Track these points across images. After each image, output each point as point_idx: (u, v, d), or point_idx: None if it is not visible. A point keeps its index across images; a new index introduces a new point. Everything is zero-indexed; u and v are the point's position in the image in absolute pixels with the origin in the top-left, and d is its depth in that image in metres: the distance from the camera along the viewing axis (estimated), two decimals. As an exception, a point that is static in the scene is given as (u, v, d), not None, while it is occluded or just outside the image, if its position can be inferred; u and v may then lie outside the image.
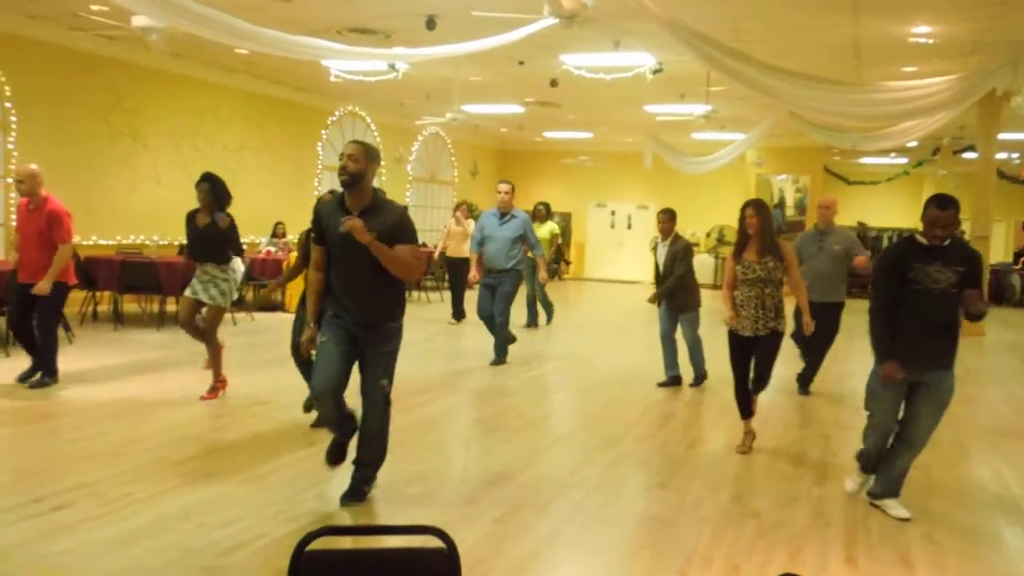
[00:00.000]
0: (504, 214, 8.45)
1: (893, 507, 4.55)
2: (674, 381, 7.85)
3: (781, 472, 5.30)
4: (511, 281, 8.39)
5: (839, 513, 4.55)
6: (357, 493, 4.37)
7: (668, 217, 7.59)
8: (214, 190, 6.30)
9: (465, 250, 11.48)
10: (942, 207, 4.24)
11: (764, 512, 4.50)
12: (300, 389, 7.14)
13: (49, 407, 6.14)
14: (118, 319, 10.17)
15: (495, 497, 4.55)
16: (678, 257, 7.45)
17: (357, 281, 4.11)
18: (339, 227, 3.99)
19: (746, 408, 5.74)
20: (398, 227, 4.07)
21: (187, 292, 6.43)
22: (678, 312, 7.60)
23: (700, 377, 7.85)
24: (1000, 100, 10.59)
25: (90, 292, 10.26)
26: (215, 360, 6.54)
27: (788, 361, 9.94)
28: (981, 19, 8.55)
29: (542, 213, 12.34)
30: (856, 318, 7.88)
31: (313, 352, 4.31)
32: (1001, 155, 16.90)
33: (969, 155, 16.78)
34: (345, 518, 4.21)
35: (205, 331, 6.41)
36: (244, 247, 6.82)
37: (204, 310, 6.45)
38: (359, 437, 4.37)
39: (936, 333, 4.33)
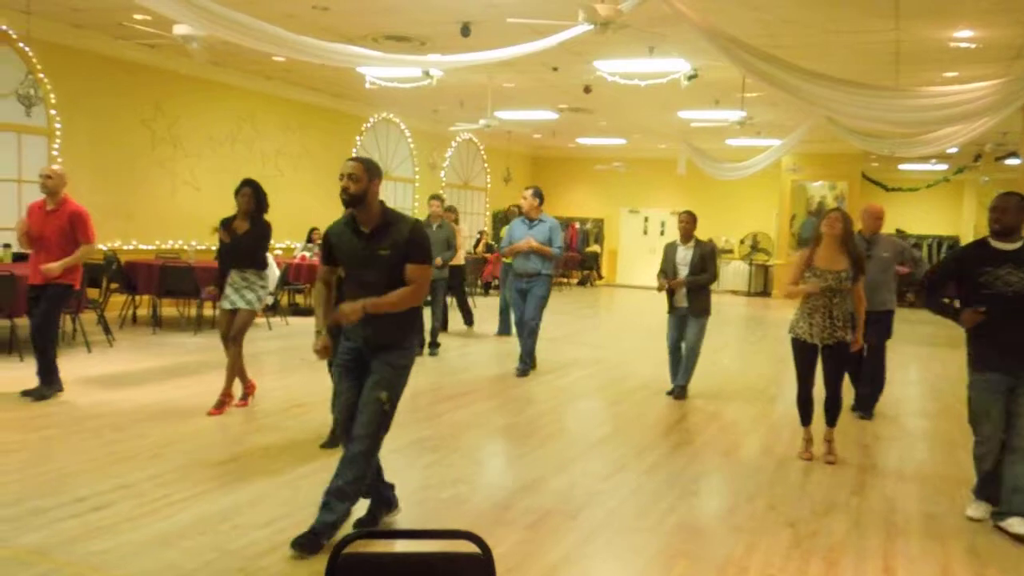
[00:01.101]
0: (531, 220, 8.47)
1: (1016, 524, 4.32)
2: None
3: (817, 481, 5.22)
4: (543, 285, 8.37)
5: (878, 523, 4.47)
6: (310, 540, 3.75)
7: (691, 219, 7.52)
8: (257, 195, 6.24)
9: (457, 257, 11.39)
10: (1003, 195, 4.44)
11: (800, 521, 4.44)
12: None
13: (89, 409, 6.25)
14: (157, 323, 10.35)
15: (528, 503, 4.54)
16: (708, 259, 7.40)
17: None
18: (357, 253, 3.86)
19: (807, 415, 5.73)
20: (409, 244, 3.84)
21: (224, 305, 6.29)
22: (694, 316, 7.43)
23: (684, 388, 7.64)
24: (1045, 105, 10.35)
25: (130, 296, 10.45)
26: (238, 366, 6.34)
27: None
28: (1027, 22, 8.39)
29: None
30: (899, 327, 7.74)
31: (326, 359, 4.12)
32: (1045, 161, 16.52)
33: (1012, 161, 16.44)
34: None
35: (234, 335, 6.24)
36: (279, 253, 6.78)
37: (238, 315, 6.27)
38: (340, 458, 3.95)
39: (1021, 334, 4.30)
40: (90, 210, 6.64)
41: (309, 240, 13.15)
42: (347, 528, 3.96)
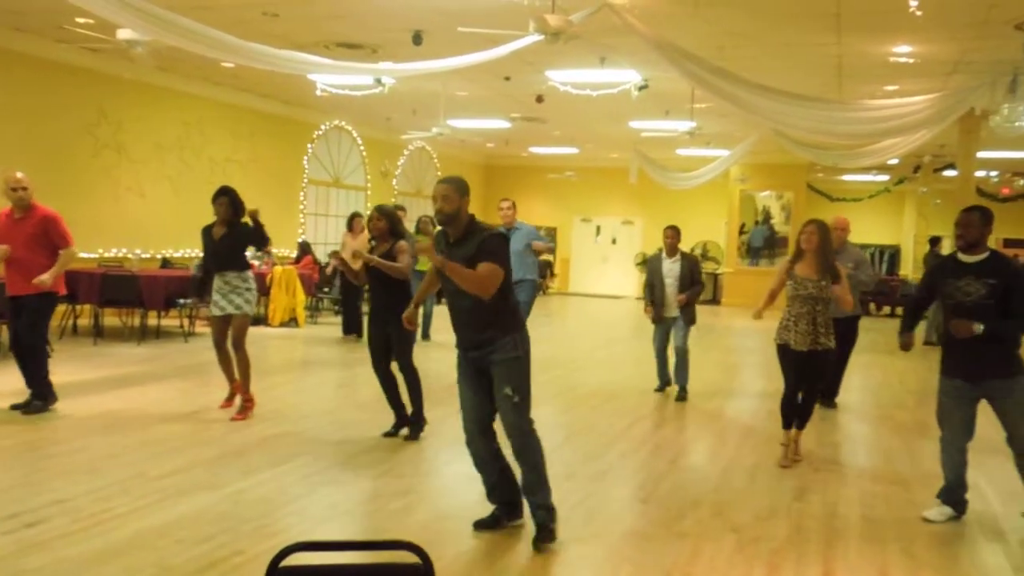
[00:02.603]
0: (509, 228, 8.81)
1: None
2: (667, 386, 8.19)
3: (762, 486, 5.31)
4: (526, 291, 8.76)
5: (818, 527, 4.56)
6: (541, 532, 4.11)
7: (676, 234, 7.88)
8: (233, 203, 6.43)
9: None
10: (967, 210, 4.61)
11: (744, 527, 4.51)
12: (288, 405, 7.12)
13: (26, 422, 6.06)
14: (98, 333, 10.08)
15: (477, 512, 4.52)
16: (696, 270, 7.77)
17: (461, 310, 4.18)
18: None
19: (789, 419, 5.87)
20: (478, 249, 4.10)
21: (213, 311, 6.45)
22: (684, 323, 7.81)
23: (684, 389, 8.00)
24: (979, 119, 10.72)
25: (70, 305, 10.16)
26: (244, 374, 6.48)
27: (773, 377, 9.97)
28: (963, 39, 8.68)
29: (427, 224, 11.54)
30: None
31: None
32: (980, 173, 17.10)
33: (949, 173, 16.98)
34: (323, 534, 4.17)
35: (234, 342, 6.42)
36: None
37: (233, 321, 6.44)
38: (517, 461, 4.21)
39: (981, 343, 4.45)
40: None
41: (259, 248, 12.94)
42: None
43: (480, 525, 4.27)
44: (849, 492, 5.29)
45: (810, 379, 5.80)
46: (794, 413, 5.88)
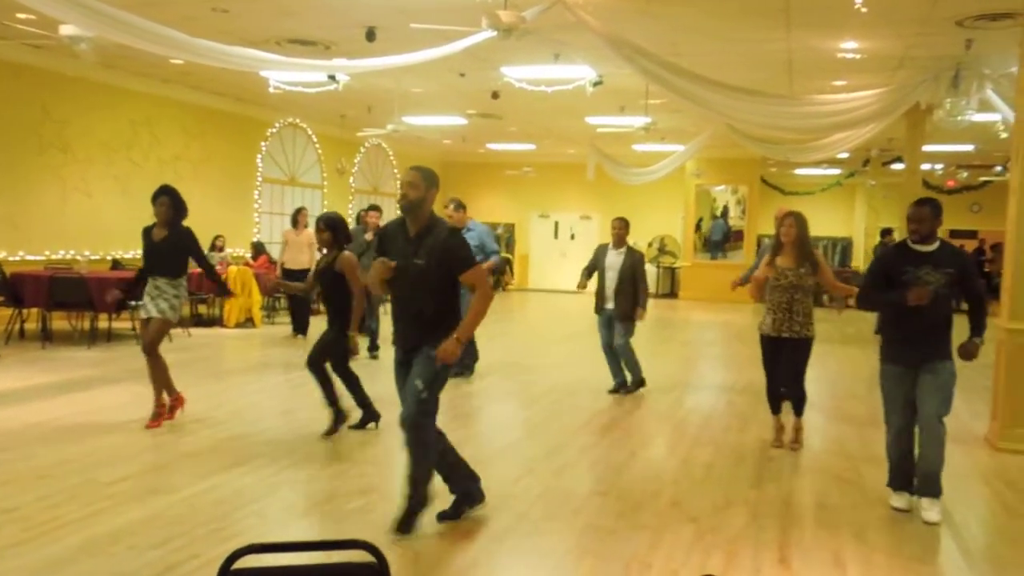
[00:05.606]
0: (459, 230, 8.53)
1: (925, 507, 4.63)
2: (622, 386, 8.00)
3: (719, 477, 5.38)
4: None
5: (774, 516, 4.64)
6: (402, 523, 4.12)
7: (624, 225, 7.92)
8: (174, 204, 6.19)
9: (304, 261, 11.20)
10: (917, 204, 4.69)
11: (701, 517, 4.57)
12: (245, 406, 7.02)
13: (-29, 429, 5.89)
14: (46, 337, 9.83)
15: (437, 508, 4.51)
16: (638, 267, 7.77)
17: (409, 307, 4.16)
18: (402, 258, 4.11)
19: (776, 405, 6.14)
20: (445, 255, 4.06)
21: (141, 313, 6.26)
22: (620, 320, 7.73)
23: (637, 382, 8.00)
24: (924, 113, 11.00)
25: (16, 309, 9.88)
26: (162, 377, 6.14)
27: (734, 368, 10.12)
28: (908, 36, 8.88)
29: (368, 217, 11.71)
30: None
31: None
32: (926, 166, 17.53)
33: (897, 166, 17.37)
34: (281, 535, 4.13)
35: (148, 344, 6.08)
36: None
37: (150, 324, 6.12)
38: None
39: (931, 329, 4.64)
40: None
41: (213, 247, 12.74)
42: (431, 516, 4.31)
43: (442, 516, 4.32)
44: (803, 480, 5.39)
45: (787, 366, 5.96)
46: (779, 401, 6.11)
